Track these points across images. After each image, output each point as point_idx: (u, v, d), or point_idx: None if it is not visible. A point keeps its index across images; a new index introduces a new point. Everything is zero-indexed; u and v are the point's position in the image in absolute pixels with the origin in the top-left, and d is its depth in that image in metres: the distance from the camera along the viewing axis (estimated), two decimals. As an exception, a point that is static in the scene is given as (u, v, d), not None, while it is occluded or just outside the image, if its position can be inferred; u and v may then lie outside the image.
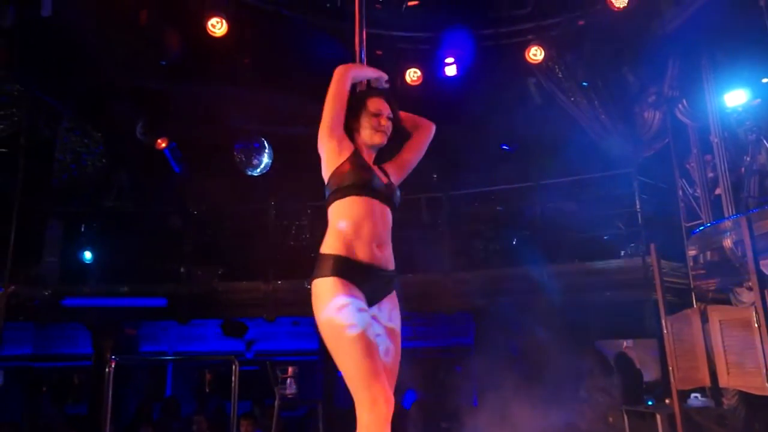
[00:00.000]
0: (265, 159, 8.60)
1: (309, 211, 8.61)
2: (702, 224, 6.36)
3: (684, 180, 6.90)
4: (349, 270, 2.16)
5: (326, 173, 2.33)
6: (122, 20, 6.65)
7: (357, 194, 2.25)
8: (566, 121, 7.51)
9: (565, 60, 7.08)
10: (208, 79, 7.33)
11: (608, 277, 7.30)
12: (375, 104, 2.41)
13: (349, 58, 2.91)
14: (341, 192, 2.26)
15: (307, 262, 2.48)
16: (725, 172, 6.11)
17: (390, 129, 2.43)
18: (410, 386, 8.61)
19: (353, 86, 2.47)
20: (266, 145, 8.59)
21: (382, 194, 2.30)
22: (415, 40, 7.49)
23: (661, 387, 6.90)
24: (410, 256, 7.51)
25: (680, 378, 5.58)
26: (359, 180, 2.26)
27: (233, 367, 5.27)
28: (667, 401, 6.03)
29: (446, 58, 7.34)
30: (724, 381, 4.93)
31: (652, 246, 5.99)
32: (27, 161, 6.96)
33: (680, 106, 6.57)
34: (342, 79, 2.37)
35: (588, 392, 7.27)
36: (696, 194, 6.67)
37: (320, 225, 6.61)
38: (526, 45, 7.18)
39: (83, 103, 7.83)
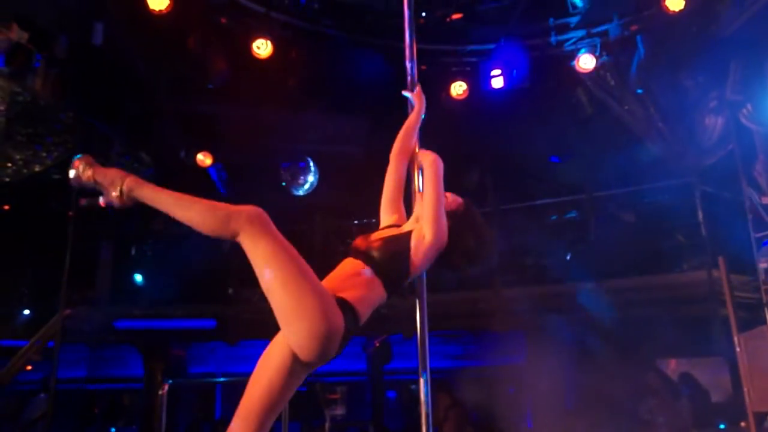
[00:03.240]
0: (311, 178, 8.61)
1: (355, 230, 8.54)
2: (773, 234, 6.00)
3: (751, 188, 6.53)
4: None
5: None
6: (170, 46, 6.76)
7: None
8: (619, 130, 7.24)
9: (617, 67, 6.83)
10: (254, 100, 7.37)
11: (669, 291, 6.98)
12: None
13: (395, 74, 2.83)
14: None
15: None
16: (796, 178, 5.76)
17: None
18: (460, 406, 8.37)
19: None
20: (311, 164, 8.59)
21: (354, 250, 2.36)
22: (460, 53, 7.37)
23: (732, 408, 6.49)
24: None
25: (756, 399, 5.23)
26: None
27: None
28: (742, 424, 5.67)
29: (492, 70, 7.18)
30: (806, 403, 4.60)
31: (721, 259, 5.67)
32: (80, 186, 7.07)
33: (744, 110, 6.24)
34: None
35: (651, 414, 6.90)
36: (764, 203, 6.30)
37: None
38: (575, 53, 6.97)
39: (133, 127, 7.97)
